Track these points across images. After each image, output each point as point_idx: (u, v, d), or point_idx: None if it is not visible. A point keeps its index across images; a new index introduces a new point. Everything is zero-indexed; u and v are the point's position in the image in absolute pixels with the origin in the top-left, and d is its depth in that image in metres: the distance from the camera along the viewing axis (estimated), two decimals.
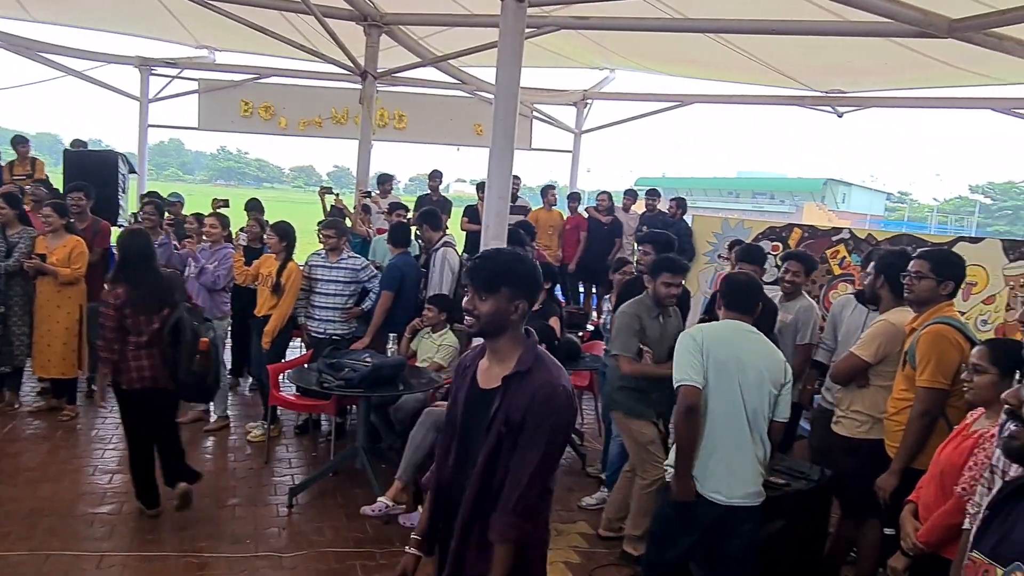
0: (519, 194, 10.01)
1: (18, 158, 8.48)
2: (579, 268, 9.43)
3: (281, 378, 5.52)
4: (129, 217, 7.68)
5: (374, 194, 8.58)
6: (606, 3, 6.46)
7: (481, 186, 7.41)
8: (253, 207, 7.19)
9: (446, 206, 9.13)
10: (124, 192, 8.21)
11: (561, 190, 11.18)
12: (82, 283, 5.74)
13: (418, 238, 6.56)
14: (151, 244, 4.37)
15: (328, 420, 5.84)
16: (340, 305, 5.66)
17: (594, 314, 9.38)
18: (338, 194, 8.29)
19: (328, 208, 7.98)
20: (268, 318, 5.53)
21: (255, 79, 11.69)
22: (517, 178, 9.48)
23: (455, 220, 9.08)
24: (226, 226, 6.14)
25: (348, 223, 6.98)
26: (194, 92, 11.61)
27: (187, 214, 7.20)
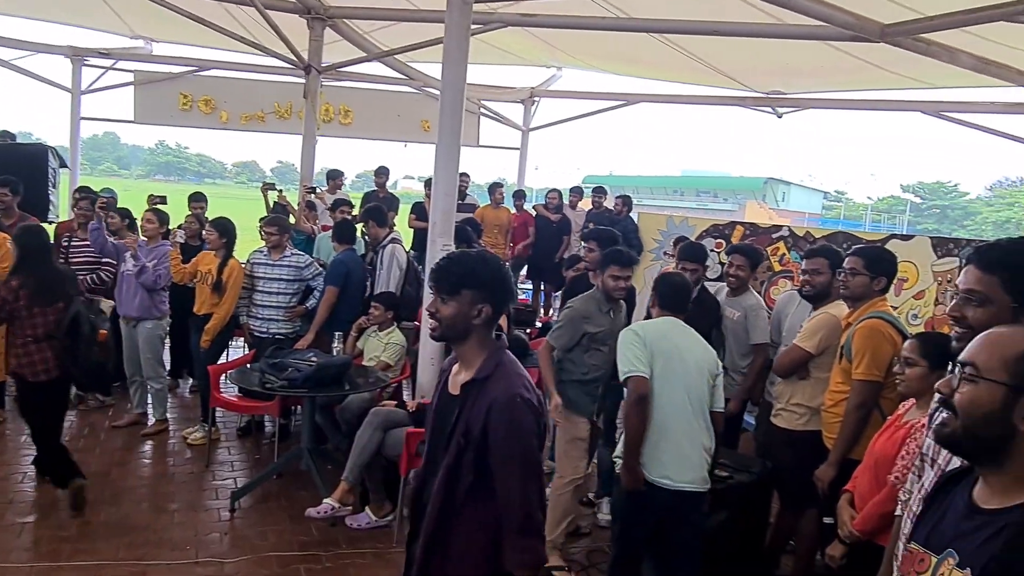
0: (468, 192, 9.98)
1: None
2: (528, 265, 9.45)
3: (222, 379, 5.39)
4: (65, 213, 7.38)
5: (320, 190, 8.43)
6: (551, 1, 6.49)
7: (429, 183, 7.35)
8: (197, 199, 7.02)
9: (393, 203, 9.03)
10: (55, 187, 7.86)
11: (509, 187, 11.17)
12: None
13: (363, 235, 6.47)
14: (48, 238, 4.45)
15: (272, 421, 5.73)
16: (283, 304, 5.54)
17: (542, 311, 9.43)
18: (281, 190, 8.11)
19: (271, 205, 7.80)
20: (208, 317, 5.40)
21: (194, 71, 11.39)
22: (465, 175, 9.45)
23: (403, 217, 9.00)
24: (164, 222, 5.94)
25: (292, 220, 6.84)
26: (130, 84, 11.23)
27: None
